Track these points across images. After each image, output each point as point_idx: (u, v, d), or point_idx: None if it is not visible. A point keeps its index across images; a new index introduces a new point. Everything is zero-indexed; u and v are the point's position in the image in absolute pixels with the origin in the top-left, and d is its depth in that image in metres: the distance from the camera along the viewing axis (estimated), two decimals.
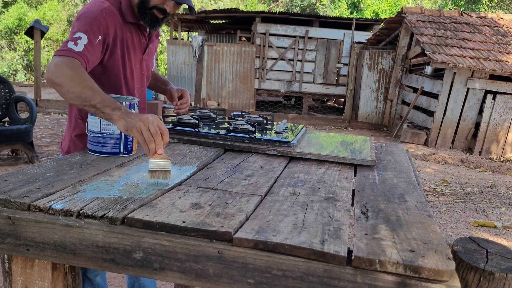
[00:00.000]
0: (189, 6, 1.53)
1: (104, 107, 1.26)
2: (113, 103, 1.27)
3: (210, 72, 10.92)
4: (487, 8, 18.51)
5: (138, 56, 1.63)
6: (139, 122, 1.18)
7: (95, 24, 1.42)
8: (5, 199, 0.94)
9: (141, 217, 0.89)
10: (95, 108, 1.27)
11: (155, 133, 1.16)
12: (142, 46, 1.65)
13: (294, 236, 0.85)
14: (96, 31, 1.42)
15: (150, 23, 1.55)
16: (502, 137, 7.50)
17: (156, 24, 1.56)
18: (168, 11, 1.52)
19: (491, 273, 1.00)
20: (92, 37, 1.40)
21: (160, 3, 1.50)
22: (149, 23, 1.55)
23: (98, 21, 1.43)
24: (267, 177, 1.26)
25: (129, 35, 1.56)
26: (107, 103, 1.27)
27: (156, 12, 1.52)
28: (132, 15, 1.55)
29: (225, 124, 1.83)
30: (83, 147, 1.55)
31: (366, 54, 9.89)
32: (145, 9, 1.51)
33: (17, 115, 5.05)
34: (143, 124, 1.17)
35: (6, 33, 17.81)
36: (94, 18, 1.43)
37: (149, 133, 1.16)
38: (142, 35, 1.62)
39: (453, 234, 3.77)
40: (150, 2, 1.50)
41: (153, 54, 1.77)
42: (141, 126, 1.17)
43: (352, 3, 21.24)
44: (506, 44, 8.03)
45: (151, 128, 1.16)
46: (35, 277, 0.97)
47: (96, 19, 1.43)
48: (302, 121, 9.69)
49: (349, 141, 1.79)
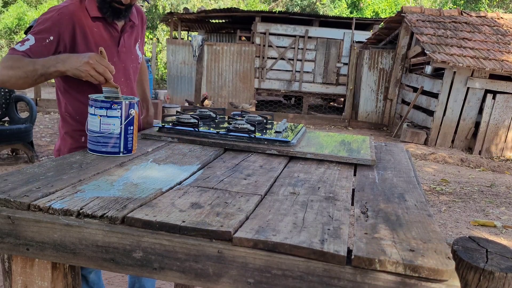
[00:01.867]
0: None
1: (47, 68, 1.40)
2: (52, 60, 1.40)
3: (210, 72, 10.92)
4: (487, 8, 18.50)
5: (112, 49, 1.64)
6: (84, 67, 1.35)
7: (47, 25, 1.50)
8: (5, 199, 0.94)
9: (140, 216, 0.89)
10: (43, 76, 1.41)
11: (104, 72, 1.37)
12: (114, 39, 1.66)
13: (294, 235, 0.85)
14: (47, 31, 1.50)
15: (112, 15, 1.60)
16: (502, 136, 7.50)
17: (119, 15, 1.61)
18: (123, 2, 1.56)
19: (491, 273, 1.00)
20: (40, 38, 1.49)
21: None
22: (111, 15, 1.59)
23: (50, 22, 1.51)
24: (267, 177, 1.26)
25: (95, 30, 1.59)
26: (47, 64, 1.40)
27: (115, 4, 1.56)
28: (97, 9, 1.59)
29: (225, 123, 1.83)
30: (72, 143, 1.59)
31: (366, 53, 9.88)
32: (104, 3, 1.56)
33: (17, 115, 5.04)
34: (88, 69, 1.35)
35: (5, 33, 17.80)
36: (46, 20, 1.51)
37: (98, 74, 1.36)
38: (112, 28, 1.64)
39: (453, 233, 3.77)
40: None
41: (133, 45, 1.76)
42: (87, 71, 1.36)
43: (352, 3, 21.22)
44: (506, 44, 8.02)
45: (97, 68, 1.36)
46: (35, 276, 0.97)
47: (48, 20, 1.51)
48: (302, 120, 9.69)
49: (349, 141, 1.79)
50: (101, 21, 1.60)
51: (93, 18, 1.58)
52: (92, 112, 1.34)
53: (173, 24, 12.33)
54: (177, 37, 12.70)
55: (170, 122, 1.71)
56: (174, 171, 1.24)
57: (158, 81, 16.70)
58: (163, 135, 1.62)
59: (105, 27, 1.61)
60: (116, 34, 1.65)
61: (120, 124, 1.34)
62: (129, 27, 1.71)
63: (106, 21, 1.61)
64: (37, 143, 5.92)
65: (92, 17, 1.57)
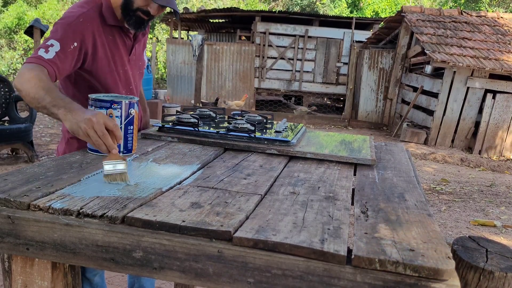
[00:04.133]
0: (173, 10, 1.54)
1: (52, 107, 1.23)
2: (61, 102, 1.23)
3: (210, 71, 10.92)
4: (487, 7, 18.50)
5: (124, 57, 1.63)
6: (83, 124, 1.13)
7: (70, 31, 1.43)
8: (4, 198, 0.94)
9: (140, 216, 0.89)
10: (46, 109, 1.25)
11: (102, 135, 1.11)
12: (127, 47, 1.65)
13: (294, 235, 0.85)
14: (71, 38, 1.43)
15: (135, 25, 1.56)
16: (502, 136, 7.50)
17: (141, 25, 1.57)
18: (152, 13, 1.53)
19: (491, 272, 1.00)
20: (65, 44, 1.41)
21: (144, 5, 1.50)
22: (134, 25, 1.55)
23: (74, 28, 1.44)
24: (267, 176, 1.26)
25: (111, 38, 1.56)
26: (55, 102, 1.23)
27: (140, 14, 1.52)
28: (114, 17, 1.55)
29: (224, 123, 1.83)
30: (78, 146, 1.55)
31: (366, 53, 9.88)
32: (129, 11, 1.52)
33: (17, 114, 5.04)
34: (87, 127, 1.12)
35: (5, 32, 17.79)
36: (69, 25, 1.44)
37: (97, 136, 1.11)
38: (126, 37, 1.62)
39: (453, 233, 3.77)
40: (134, 4, 1.50)
41: (141, 53, 1.77)
42: (86, 129, 1.12)
43: (352, 2, 21.22)
44: (506, 43, 8.02)
45: (97, 130, 1.11)
46: (35, 276, 0.97)
47: (72, 26, 1.44)
48: (302, 120, 9.69)
49: (349, 140, 1.79)
50: (117, 29, 1.58)
51: (110, 25, 1.55)
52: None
53: (173, 23, 12.33)
54: (177, 36, 12.69)
55: (170, 122, 1.71)
56: (174, 171, 1.24)
57: (158, 81, 16.70)
58: (163, 135, 1.62)
59: (119, 35, 1.60)
60: (129, 43, 1.65)
61: (120, 123, 1.34)
62: (141, 35, 1.71)
63: (121, 29, 1.59)
64: (37, 142, 5.92)
65: (109, 25, 1.55)
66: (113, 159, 1.09)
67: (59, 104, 1.23)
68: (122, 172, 1.08)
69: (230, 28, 14.23)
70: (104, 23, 1.54)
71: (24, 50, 17.75)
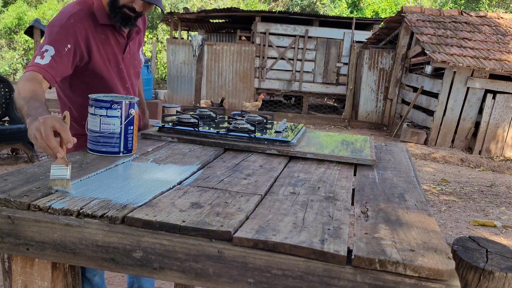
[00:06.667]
0: (160, 7, 1.56)
1: (26, 115, 1.20)
2: (33, 111, 1.18)
3: (210, 71, 10.91)
4: (487, 7, 18.50)
5: (118, 56, 1.64)
6: (34, 127, 1.07)
7: (62, 33, 1.45)
8: (4, 199, 0.94)
9: (140, 216, 0.89)
10: (23, 118, 1.22)
11: (45, 137, 1.03)
12: (121, 45, 1.65)
13: (294, 235, 0.85)
14: (64, 40, 1.44)
15: (121, 22, 1.57)
16: (502, 136, 7.50)
17: (128, 22, 1.58)
18: (137, 9, 1.54)
19: (491, 272, 0.99)
20: (59, 47, 1.42)
21: (129, 1, 1.52)
22: (120, 21, 1.57)
23: (66, 30, 1.45)
24: (267, 177, 1.25)
25: (103, 37, 1.58)
26: (29, 112, 1.19)
27: (126, 11, 1.54)
28: (105, 16, 1.57)
29: (225, 123, 1.83)
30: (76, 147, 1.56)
31: (366, 53, 9.88)
32: (115, 8, 1.53)
33: (17, 115, 5.04)
34: (35, 129, 1.05)
35: (5, 32, 17.79)
36: (61, 27, 1.45)
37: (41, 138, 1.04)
38: (119, 35, 1.63)
39: (453, 233, 3.77)
40: (120, 1, 1.52)
41: (137, 51, 1.77)
42: (34, 131, 1.06)
43: (352, 2, 21.22)
44: (506, 44, 8.02)
45: (42, 132, 1.03)
46: (35, 276, 0.97)
47: (63, 28, 1.45)
48: (302, 120, 9.68)
49: (349, 141, 1.79)
50: (109, 28, 1.59)
51: (102, 25, 1.57)
52: (92, 112, 1.34)
53: (173, 24, 12.33)
54: (177, 37, 12.70)
55: (170, 122, 1.71)
56: (174, 171, 1.24)
57: (158, 81, 16.71)
58: (163, 135, 1.62)
59: (112, 34, 1.61)
60: (122, 41, 1.65)
61: (120, 124, 1.34)
62: (135, 33, 1.71)
63: (114, 28, 1.60)
64: None
65: (101, 24, 1.56)
66: (59, 164, 1.03)
67: (30, 113, 1.19)
68: (63, 178, 1.02)
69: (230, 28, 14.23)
70: (96, 23, 1.55)
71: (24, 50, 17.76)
